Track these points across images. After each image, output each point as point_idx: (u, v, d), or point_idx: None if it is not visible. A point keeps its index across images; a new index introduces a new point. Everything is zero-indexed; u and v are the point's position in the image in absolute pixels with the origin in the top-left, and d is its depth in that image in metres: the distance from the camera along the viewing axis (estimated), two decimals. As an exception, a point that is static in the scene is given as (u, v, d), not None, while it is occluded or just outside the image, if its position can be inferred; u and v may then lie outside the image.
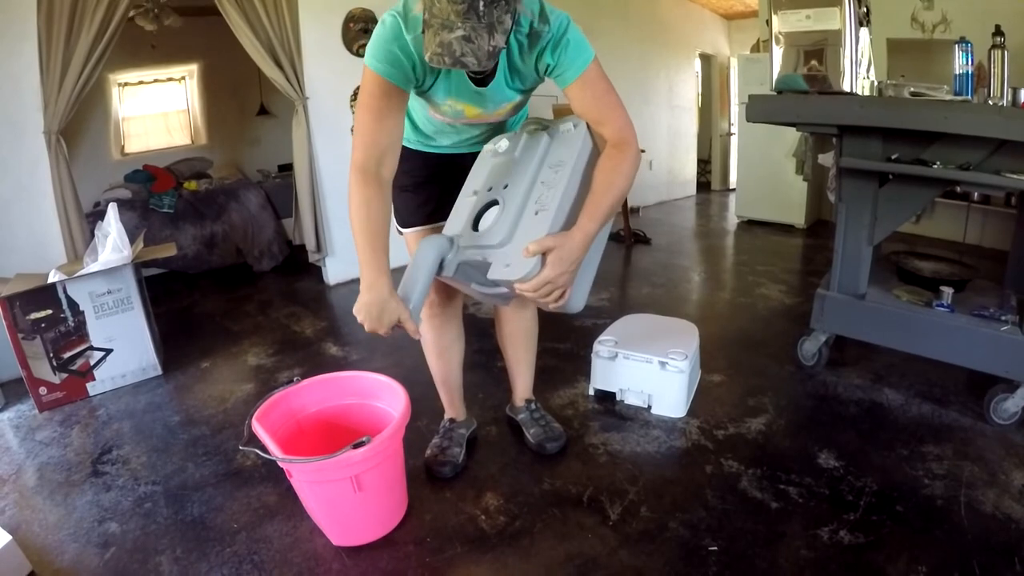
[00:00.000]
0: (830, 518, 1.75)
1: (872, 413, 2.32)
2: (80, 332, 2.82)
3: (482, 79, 1.55)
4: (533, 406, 2.28)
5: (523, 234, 1.52)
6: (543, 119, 1.77)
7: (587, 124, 1.62)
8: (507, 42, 1.28)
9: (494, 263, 1.52)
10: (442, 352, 2.08)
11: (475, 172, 1.77)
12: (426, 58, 1.28)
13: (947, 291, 2.41)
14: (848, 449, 2.09)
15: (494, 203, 1.64)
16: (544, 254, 1.45)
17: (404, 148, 1.89)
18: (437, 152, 1.88)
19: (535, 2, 1.46)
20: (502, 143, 1.75)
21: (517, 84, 1.60)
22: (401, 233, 1.94)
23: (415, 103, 1.74)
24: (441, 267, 1.57)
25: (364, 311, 1.48)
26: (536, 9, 1.46)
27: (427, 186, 1.89)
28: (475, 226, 1.64)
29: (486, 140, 1.83)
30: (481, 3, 1.21)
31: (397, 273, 1.41)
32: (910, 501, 1.82)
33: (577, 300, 1.64)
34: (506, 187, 1.63)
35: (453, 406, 2.22)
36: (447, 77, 1.55)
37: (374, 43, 1.46)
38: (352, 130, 1.58)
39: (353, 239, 1.51)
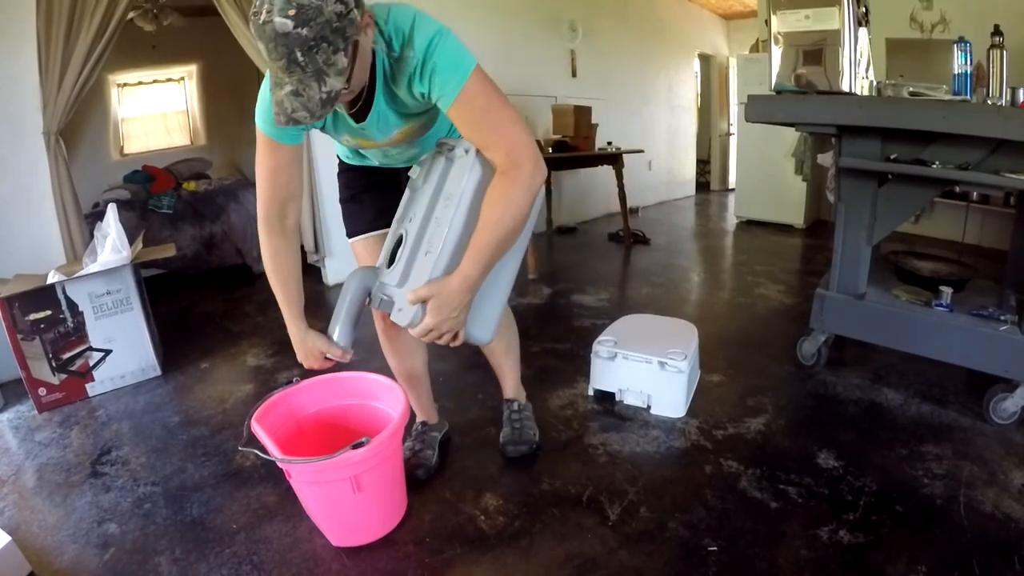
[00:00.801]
0: (830, 518, 1.75)
1: (871, 413, 2.32)
2: (79, 333, 2.82)
3: (361, 112, 1.46)
4: (515, 406, 2.25)
5: (415, 277, 1.48)
6: (450, 141, 1.61)
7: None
8: (343, 76, 1.18)
9: (394, 304, 1.51)
10: (403, 360, 2.06)
11: (403, 198, 1.70)
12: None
13: (946, 291, 2.41)
14: (848, 449, 2.09)
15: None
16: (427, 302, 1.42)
17: (343, 163, 1.91)
18: (372, 166, 1.87)
19: (406, 21, 1.33)
20: (414, 170, 1.65)
21: (402, 108, 1.49)
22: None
23: None
24: (370, 298, 1.60)
25: (297, 352, 1.68)
26: (406, 30, 1.32)
27: (364, 196, 1.88)
28: (391, 261, 1.60)
29: (416, 157, 1.74)
30: (298, 52, 1.11)
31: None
32: (910, 501, 1.81)
33: (480, 333, 1.59)
34: (411, 221, 1.58)
35: (423, 409, 2.20)
36: (332, 117, 1.52)
37: (259, 102, 1.44)
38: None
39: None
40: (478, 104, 1.36)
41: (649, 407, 2.40)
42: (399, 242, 1.59)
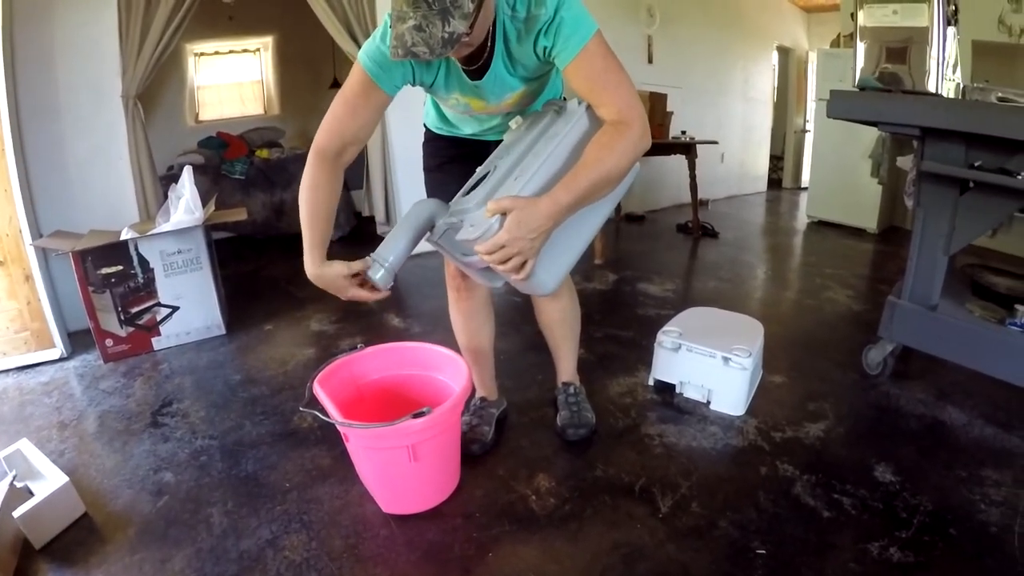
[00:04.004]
0: (882, 533, 1.69)
1: (933, 430, 2.24)
2: (149, 288, 2.91)
3: (477, 71, 1.49)
4: (571, 389, 2.25)
5: (499, 196, 1.43)
6: (558, 101, 1.67)
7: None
8: (467, 21, 1.19)
9: (463, 224, 1.45)
10: (472, 335, 2.08)
11: (498, 147, 1.71)
12: (389, 54, 1.25)
13: (1022, 309, 2.31)
14: (906, 464, 2.01)
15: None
16: (505, 216, 1.35)
17: (430, 131, 1.93)
18: (462, 137, 1.88)
19: None
20: (515, 120, 1.67)
21: (520, 72, 1.53)
22: None
23: (430, 96, 1.75)
24: (433, 230, 1.55)
25: (317, 284, 1.59)
26: None
27: (451, 166, 1.88)
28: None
29: (506, 127, 1.75)
30: None
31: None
32: (964, 525, 1.73)
33: (544, 279, 1.50)
34: (503, 158, 1.57)
35: (484, 385, 2.22)
36: (445, 73, 1.52)
37: (369, 40, 1.47)
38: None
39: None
40: (596, 63, 1.40)
41: (709, 402, 2.37)
42: (483, 178, 1.57)
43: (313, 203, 1.55)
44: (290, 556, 1.62)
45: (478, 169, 1.67)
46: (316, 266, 1.55)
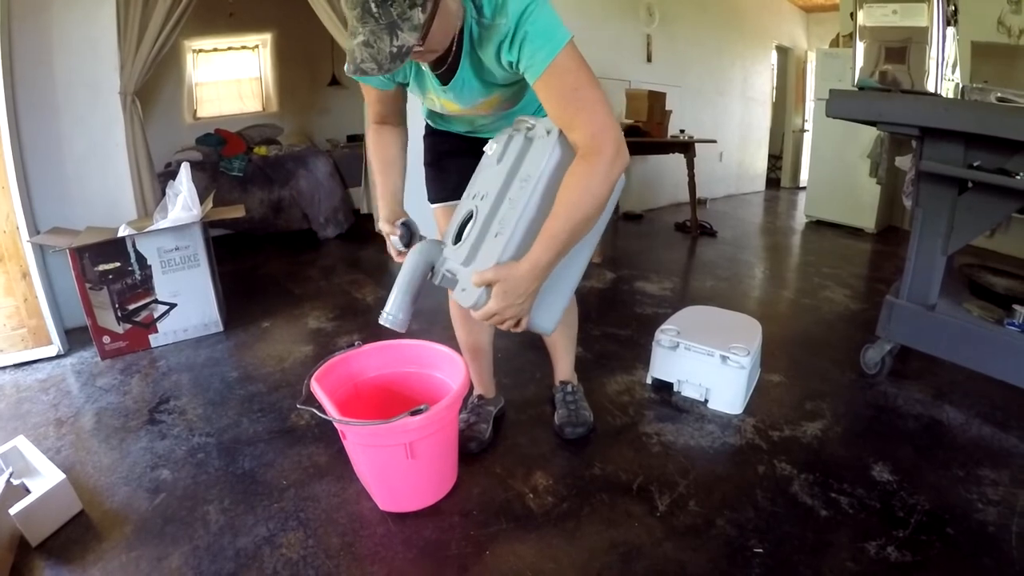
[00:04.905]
0: (879, 533, 1.70)
1: (931, 429, 2.24)
2: (146, 285, 2.90)
3: (445, 75, 1.45)
4: (569, 388, 2.25)
5: (483, 257, 1.40)
6: (530, 119, 1.53)
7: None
8: (418, 32, 1.15)
9: (458, 283, 1.45)
10: (471, 332, 2.08)
11: (475, 172, 1.65)
12: None
13: (1020, 310, 2.31)
14: (903, 464, 2.02)
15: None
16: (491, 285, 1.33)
17: (427, 126, 1.92)
18: (458, 133, 1.87)
19: None
20: (490, 145, 1.59)
21: (489, 78, 1.46)
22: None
23: None
24: (432, 272, 1.55)
25: None
26: None
27: (449, 162, 1.88)
28: (459, 236, 1.54)
29: (500, 127, 1.68)
30: (372, 3, 1.10)
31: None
32: (961, 524, 1.74)
33: (543, 323, 1.50)
34: (482, 198, 1.51)
35: (482, 383, 2.22)
36: (416, 75, 1.52)
37: None
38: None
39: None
40: (567, 80, 1.29)
41: (707, 401, 2.37)
42: (468, 218, 1.54)
43: (378, 152, 1.70)
44: (287, 554, 1.62)
45: (462, 201, 1.62)
46: (381, 218, 1.68)
